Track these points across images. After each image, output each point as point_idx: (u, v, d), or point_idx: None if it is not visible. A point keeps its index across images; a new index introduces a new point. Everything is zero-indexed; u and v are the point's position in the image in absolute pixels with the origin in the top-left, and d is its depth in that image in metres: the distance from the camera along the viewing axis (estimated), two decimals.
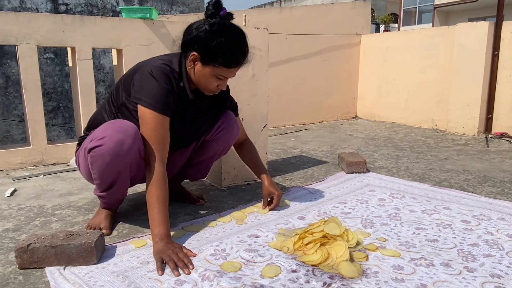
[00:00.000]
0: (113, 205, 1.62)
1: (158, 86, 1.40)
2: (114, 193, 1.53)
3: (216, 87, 1.49)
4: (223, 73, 1.44)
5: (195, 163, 1.80)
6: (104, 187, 1.50)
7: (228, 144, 1.75)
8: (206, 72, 1.44)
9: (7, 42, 2.41)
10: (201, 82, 1.48)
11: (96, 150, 1.38)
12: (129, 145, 1.37)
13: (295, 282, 1.16)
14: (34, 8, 5.58)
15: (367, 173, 2.32)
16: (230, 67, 1.44)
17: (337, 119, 4.55)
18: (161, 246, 1.30)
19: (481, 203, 1.81)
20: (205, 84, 1.47)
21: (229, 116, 1.72)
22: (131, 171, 1.48)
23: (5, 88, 5.39)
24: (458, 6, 17.48)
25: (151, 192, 1.37)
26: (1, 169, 2.47)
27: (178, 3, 6.94)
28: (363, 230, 1.54)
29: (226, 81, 1.50)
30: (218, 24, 1.38)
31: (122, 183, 1.50)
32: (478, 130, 3.53)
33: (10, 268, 1.28)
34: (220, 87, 1.51)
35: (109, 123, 1.43)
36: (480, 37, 3.44)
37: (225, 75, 1.46)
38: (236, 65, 1.46)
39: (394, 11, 21.59)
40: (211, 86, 1.48)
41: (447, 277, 1.19)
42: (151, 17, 2.79)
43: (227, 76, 1.47)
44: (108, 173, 1.44)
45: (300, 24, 4.06)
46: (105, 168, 1.41)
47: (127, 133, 1.37)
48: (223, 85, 1.50)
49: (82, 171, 1.59)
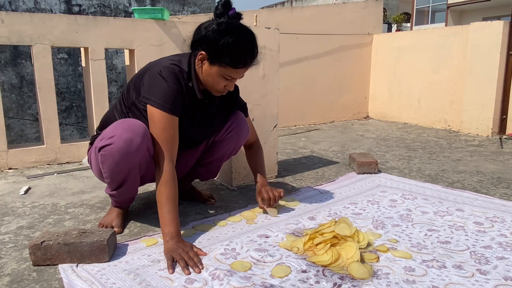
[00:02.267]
0: (124, 203, 1.64)
1: (167, 86, 1.41)
2: (124, 192, 1.55)
3: (223, 87, 1.48)
4: (230, 73, 1.44)
5: (205, 163, 1.80)
6: (115, 186, 1.52)
7: (238, 144, 1.76)
8: (213, 72, 1.44)
9: (22, 43, 2.45)
10: (208, 82, 1.48)
11: (106, 149, 1.40)
12: (138, 144, 1.39)
13: (305, 283, 1.15)
14: (48, 9, 5.66)
15: (378, 174, 2.31)
16: (237, 67, 1.43)
17: (348, 119, 4.53)
18: (171, 245, 1.31)
19: (494, 205, 1.79)
20: (212, 84, 1.47)
21: (239, 116, 1.72)
22: (140, 169, 1.49)
23: (20, 87, 5.49)
24: (472, 5, 17.24)
25: (161, 192, 1.38)
26: (16, 168, 2.52)
27: (190, 4, 6.98)
28: (374, 231, 1.53)
29: (233, 81, 1.50)
30: (226, 23, 1.38)
31: (132, 182, 1.52)
32: (492, 131, 3.47)
33: (24, 264, 1.30)
34: (227, 88, 1.50)
35: (118, 122, 1.45)
36: (494, 36, 3.38)
37: (232, 75, 1.45)
38: (243, 66, 1.45)
39: (407, 10, 21.38)
40: (218, 86, 1.48)
41: (459, 279, 1.17)
42: (163, 18, 2.81)
43: (234, 76, 1.46)
44: (118, 172, 1.45)
45: (311, 24, 4.05)
46: (115, 167, 1.43)
47: (136, 132, 1.39)
48: (230, 86, 1.50)
49: (94, 170, 1.61)
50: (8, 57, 5.40)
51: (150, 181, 1.74)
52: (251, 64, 1.48)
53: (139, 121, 1.43)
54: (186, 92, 1.47)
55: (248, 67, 1.48)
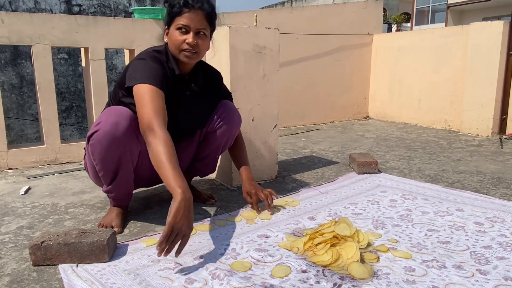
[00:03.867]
0: (123, 200, 1.64)
1: (150, 65, 1.46)
2: (119, 185, 1.55)
3: (183, 42, 1.48)
4: (180, 21, 1.47)
5: (201, 158, 1.80)
6: (109, 178, 1.52)
7: (232, 133, 1.74)
8: (171, 33, 1.51)
9: (22, 43, 2.46)
10: (172, 47, 1.51)
11: (94, 137, 1.42)
12: (125, 126, 1.41)
13: (305, 283, 1.15)
14: (48, 9, 5.66)
15: (378, 174, 2.31)
16: (181, 12, 1.47)
17: (348, 119, 4.53)
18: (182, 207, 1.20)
19: (494, 205, 1.79)
20: (175, 44, 1.50)
21: (228, 104, 1.74)
22: (132, 156, 1.50)
23: (20, 88, 5.48)
24: (472, 5, 17.25)
25: (159, 151, 1.28)
26: (16, 168, 2.52)
27: None
28: (374, 231, 1.53)
29: (191, 34, 1.48)
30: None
31: (125, 172, 1.52)
32: (492, 131, 3.47)
33: (24, 264, 1.30)
34: (188, 42, 1.48)
35: (104, 110, 1.50)
36: (494, 36, 3.38)
37: (182, 22, 1.47)
38: (185, 6, 1.47)
39: (407, 11, 21.38)
40: (179, 43, 1.49)
41: (459, 280, 1.17)
42: (163, 18, 2.81)
43: (184, 23, 1.47)
44: (109, 159, 1.45)
45: (311, 24, 4.05)
46: (105, 153, 1.43)
47: (121, 115, 1.42)
48: (189, 39, 1.48)
49: (90, 172, 1.62)
50: (8, 57, 5.40)
51: (144, 184, 1.75)
52: (195, 4, 1.48)
53: (124, 108, 1.46)
54: (168, 72, 1.51)
55: (194, 9, 1.48)
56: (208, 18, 1.52)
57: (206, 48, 1.57)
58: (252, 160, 2.16)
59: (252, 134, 2.14)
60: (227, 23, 3.55)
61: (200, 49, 1.52)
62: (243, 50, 2.03)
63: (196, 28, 1.49)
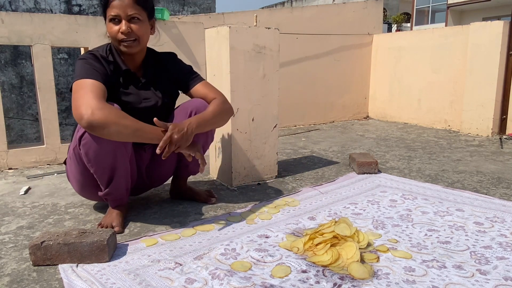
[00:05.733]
0: (122, 199, 1.62)
1: (87, 62, 1.47)
2: (118, 182, 1.54)
3: (117, 32, 1.49)
4: (110, 12, 1.47)
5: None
6: (106, 177, 1.51)
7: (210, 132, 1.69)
8: (107, 26, 1.51)
9: (22, 43, 2.46)
10: (112, 40, 1.53)
11: (86, 135, 1.41)
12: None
13: (305, 283, 1.15)
14: (48, 9, 5.66)
15: (378, 174, 2.31)
16: (109, 3, 1.47)
17: (348, 119, 4.53)
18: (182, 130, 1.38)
19: (494, 205, 1.79)
20: (112, 37, 1.51)
21: (196, 101, 1.64)
22: (126, 148, 1.49)
23: (20, 88, 5.49)
24: (472, 5, 17.25)
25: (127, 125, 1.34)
26: (16, 168, 2.52)
27: (190, 4, 6.98)
28: (374, 231, 1.53)
29: (123, 22, 1.47)
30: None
31: (123, 166, 1.51)
32: (492, 131, 3.47)
33: (24, 265, 1.30)
34: (122, 30, 1.48)
35: None
36: (494, 36, 3.38)
37: (112, 12, 1.47)
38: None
39: (407, 11, 21.39)
40: (114, 34, 1.49)
41: (459, 280, 1.17)
42: (163, 18, 2.81)
43: (114, 13, 1.47)
44: (104, 156, 1.44)
45: (311, 24, 4.05)
46: (100, 150, 1.41)
47: None
48: (122, 27, 1.47)
49: (77, 183, 1.62)
50: (8, 57, 5.40)
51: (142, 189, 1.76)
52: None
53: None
54: (106, 64, 1.51)
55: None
56: (139, 2, 1.49)
57: (146, 33, 1.54)
58: (252, 160, 2.16)
59: (252, 134, 2.14)
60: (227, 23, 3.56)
61: (138, 35, 1.50)
62: (243, 50, 2.03)
63: (127, 15, 1.47)
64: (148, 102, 1.61)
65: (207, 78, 2.27)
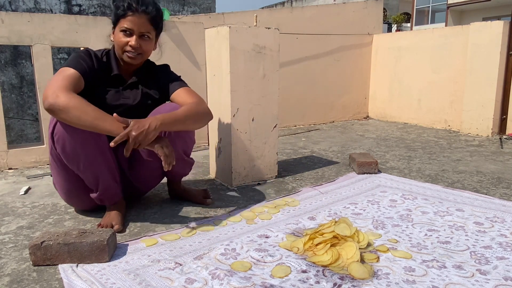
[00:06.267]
0: (115, 196, 1.62)
1: (78, 55, 1.53)
2: (105, 176, 1.54)
3: (126, 44, 1.54)
4: (123, 24, 1.52)
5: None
6: (90, 174, 1.51)
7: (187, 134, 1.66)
8: (116, 33, 1.56)
9: (22, 43, 2.46)
10: (117, 47, 1.57)
11: (57, 129, 1.42)
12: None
13: (305, 283, 1.15)
14: (48, 9, 5.67)
15: (378, 174, 2.31)
16: (125, 15, 1.51)
17: (348, 119, 4.53)
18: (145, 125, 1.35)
19: (494, 205, 1.79)
20: (118, 45, 1.55)
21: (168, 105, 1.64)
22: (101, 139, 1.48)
23: (20, 88, 5.49)
24: (472, 5, 17.25)
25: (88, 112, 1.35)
26: (16, 168, 2.52)
27: (190, 4, 6.98)
28: (374, 231, 1.53)
29: (134, 37, 1.53)
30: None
31: (103, 158, 1.51)
32: (492, 131, 3.47)
33: (24, 265, 1.30)
34: (131, 44, 1.53)
35: None
36: (494, 36, 3.38)
37: (126, 25, 1.52)
38: (129, 10, 1.51)
39: (407, 11, 21.39)
40: (122, 44, 1.54)
41: (459, 280, 1.17)
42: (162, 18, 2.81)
43: (127, 26, 1.52)
44: (81, 145, 1.44)
45: (311, 24, 4.05)
46: (74, 142, 1.42)
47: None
48: (132, 41, 1.53)
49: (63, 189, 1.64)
50: (8, 57, 5.40)
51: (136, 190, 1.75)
52: (139, 8, 1.52)
53: None
54: (97, 63, 1.56)
55: (138, 13, 1.52)
56: (153, 21, 1.57)
57: (151, 49, 1.63)
58: (252, 160, 2.16)
59: (252, 134, 2.14)
60: (227, 23, 3.56)
61: (144, 50, 1.57)
62: (243, 50, 2.03)
63: (140, 31, 1.54)
64: (126, 100, 1.63)
65: (207, 78, 2.27)
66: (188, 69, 2.92)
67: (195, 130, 1.69)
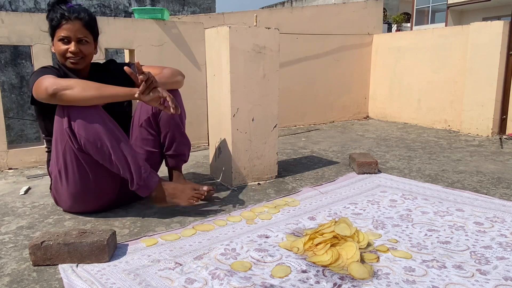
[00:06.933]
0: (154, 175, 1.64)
1: (42, 69, 1.59)
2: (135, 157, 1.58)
3: (66, 51, 1.62)
4: (60, 33, 1.60)
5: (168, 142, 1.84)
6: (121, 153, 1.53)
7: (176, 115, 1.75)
8: (55, 44, 1.64)
9: (22, 43, 2.46)
10: (58, 56, 1.65)
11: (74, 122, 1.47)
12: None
13: (305, 283, 1.15)
14: None
15: (378, 174, 2.31)
16: (61, 24, 1.59)
17: (348, 119, 4.53)
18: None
19: (494, 205, 1.79)
20: (59, 54, 1.64)
21: None
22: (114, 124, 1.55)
23: (20, 87, 5.48)
24: (472, 5, 17.26)
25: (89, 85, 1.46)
26: (16, 168, 2.52)
27: (190, 4, 6.98)
28: (374, 231, 1.53)
29: (72, 43, 1.61)
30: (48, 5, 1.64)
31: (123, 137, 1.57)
32: (492, 131, 3.47)
33: (24, 265, 1.30)
34: (71, 50, 1.61)
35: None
36: (494, 36, 3.38)
37: (62, 34, 1.60)
38: (63, 19, 1.59)
39: (407, 11, 21.40)
40: (62, 52, 1.62)
41: (459, 280, 1.17)
42: (163, 18, 2.81)
43: (65, 34, 1.60)
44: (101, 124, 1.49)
45: (311, 24, 4.05)
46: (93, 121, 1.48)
47: None
48: (71, 48, 1.61)
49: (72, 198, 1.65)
50: (8, 57, 5.40)
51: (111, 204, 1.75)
52: (71, 15, 1.59)
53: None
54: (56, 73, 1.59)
55: (71, 20, 1.60)
56: (87, 26, 1.65)
57: (91, 52, 1.71)
58: (252, 160, 2.16)
59: (252, 134, 2.14)
60: (227, 23, 3.56)
61: (85, 54, 1.66)
62: (243, 50, 2.03)
63: (77, 37, 1.62)
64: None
65: (207, 78, 2.27)
66: (188, 69, 2.92)
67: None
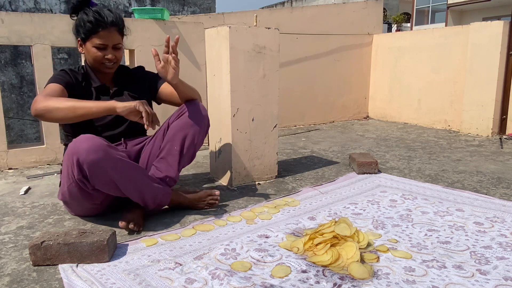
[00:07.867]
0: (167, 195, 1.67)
1: (57, 73, 1.64)
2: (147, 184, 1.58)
3: (103, 57, 1.63)
4: (97, 40, 1.60)
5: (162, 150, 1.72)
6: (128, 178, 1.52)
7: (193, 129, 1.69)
8: (89, 49, 1.63)
9: (22, 43, 2.45)
10: (92, 61, 1.65)
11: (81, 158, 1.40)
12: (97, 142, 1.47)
13: (305, 283, 1.15)
14: (48, 9, 5.66)
15: (378, 174, 2.31)
16: (97, 31, 1.59)
17: (348, 119, 4.53)
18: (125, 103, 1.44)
19: (494, 205, 1.79)
20: (94, 60, 1.64)
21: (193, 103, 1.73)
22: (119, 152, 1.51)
23: (20, 88, 5.48)
24: (472, 5, 17.25)
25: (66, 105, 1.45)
26: (16, 168, 2.52)
27: (190, 4, 6.98)
28: (374, 231, 1.53)
29: (109, 49, 1.63)
30: (73, 4, 1.63)
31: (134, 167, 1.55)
32: (492, 131, 3.47)
33: (24, 265, 1.30)
34: (108, 58, 1.63)
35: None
36: (494, 36, 3.38)
37: (100, 41, 1.60)
38: (99, 26, 1.58)
39: (407, 11, 21.39)
40: (99, 59, 1.63)
41: (459, 280, 1.17)
42: (163, 18, 2.81)
43: (101, 42, 1.60)
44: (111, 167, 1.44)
45: (311, 24, 4.05)
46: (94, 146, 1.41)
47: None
48: (108, 54, 1.63)
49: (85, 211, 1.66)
50: (8, 57, 5.40)
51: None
52: (107, 23, 1.59)
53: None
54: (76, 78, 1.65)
55: (108, 28, 1.60)
56: (121, 31, 1.67)
57: (122, 55, 1.74)
58: (252, 160, 2.16)
59: (252, 134, 2.14)
60: (227, 23, 3.55)
61: (118, 59, 1.68)
62: (243, 50, 2.03)
63: (113, 44, 1.64)
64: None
65: (207, 78, 2.27)
66: (188, 69, 2.92)
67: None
